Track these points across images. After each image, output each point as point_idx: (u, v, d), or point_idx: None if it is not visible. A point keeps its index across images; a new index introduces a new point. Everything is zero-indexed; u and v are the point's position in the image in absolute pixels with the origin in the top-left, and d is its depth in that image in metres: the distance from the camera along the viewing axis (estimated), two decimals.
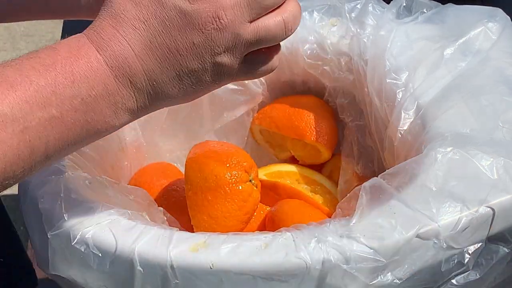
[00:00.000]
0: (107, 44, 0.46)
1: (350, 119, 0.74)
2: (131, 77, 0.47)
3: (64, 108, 0.44)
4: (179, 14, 0.47)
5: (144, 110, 0.49)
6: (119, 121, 0.48)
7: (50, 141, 0.44)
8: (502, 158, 0.53)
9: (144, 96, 0.48)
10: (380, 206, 0.51)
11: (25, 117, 0.43)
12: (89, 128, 0.46)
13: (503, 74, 0.62)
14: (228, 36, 0.48)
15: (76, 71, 0.45)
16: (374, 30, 0.69)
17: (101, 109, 0.46)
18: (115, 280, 0.51)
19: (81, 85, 0.45)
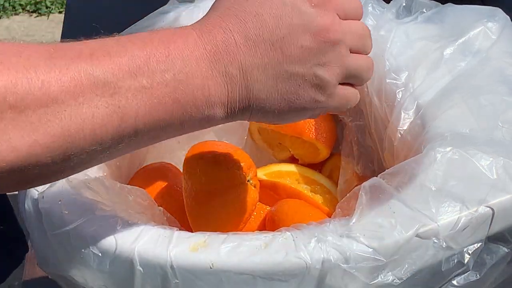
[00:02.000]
0: (209, 31, 0.46)
1: (350, 119, 0.74)
2: (227, 65, 0.46)
3: (154, 80, 0.43)
4: (296, 14, 0.47)
5: (235, 110, 0.47)
6: (210, 111, 0.46)
7: (140, 113, 0.43)
8: (502, 158, 0.53)
9: (236, 90, 0.46)
10: (379, 206, 0.51)
11: (116, 83, 0.42)
12: (179, 108, 0.45)
13: (502, 74, 0.62)
14: (335, 51, 0.48)
15: (172, 48, 0.44)
16: (373, 30, 0.69)
17: (192, 90, 0.45)
18: (115, 280, 0.51)
19: (174, 60, 0.44)
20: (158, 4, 0.75)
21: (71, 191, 0.56)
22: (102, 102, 0.42)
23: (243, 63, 0.46)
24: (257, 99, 0.47)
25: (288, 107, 0.48)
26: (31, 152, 0.41)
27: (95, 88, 0.42)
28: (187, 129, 0.47)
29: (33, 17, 2.64)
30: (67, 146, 0.42)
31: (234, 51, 0.46)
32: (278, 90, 0.47)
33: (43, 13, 2.63)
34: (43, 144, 0.41)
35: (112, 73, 0.42)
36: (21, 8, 2.65)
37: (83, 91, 0.41)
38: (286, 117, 0.49)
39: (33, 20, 2.63)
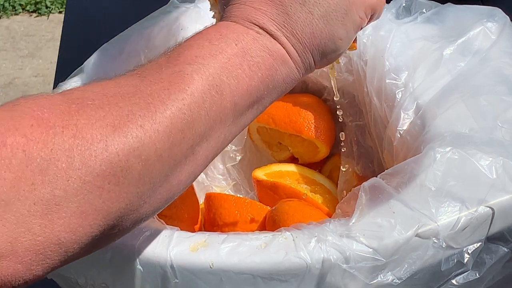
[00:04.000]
0: (234, 16, 0.50)
1: (350, 119, 0.74)
2: (270, 20, 0.49)
3: (227, 54, 0.47)
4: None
5: (303, 55, 0.50)
6: (281, 64, 0.49)
7: (233, 87, 0.46)
8: (501, 158, 0.53)
9: (290, 37, 0.50)
10: (379, 206, 0.51)
11: (203, 67, 0.45)
12: (258, 71, 0.48)
13: (502, 74, 0.62)
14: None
15: (220, 29, 0.48)
16: (373, 30, 0.69)
17: (256, 52, 0.48)
18: (115, 279, 0.51)
19: (228, 35, 0.48)
20: (158, 4, 0.75)
21: None
22: (204, 86, 0.45)
23: (284, 12, 0.50)
24: (301, 33, 0.50)
25: (330, 24, 0.51)
26: (171, 153, 0.43)
27: (192, 77, 0.45)
28: (274, 92, 0.50)
29: (33, 17, 2.64)
30: (192, 137, 0.45)
31: (257, 13, 0.49)
32: (314, 15, 0.50)
33: (43, 13, 2.63)
34: (177, 142, 0.43)
35: (195, 62, 0.46)
36: (21, 8, 2.65)
37: (186, 83, 0.44)
38: (334, 32, 0.52)
39: (33, 20, 2.62)
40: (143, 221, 0.44)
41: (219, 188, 0.79)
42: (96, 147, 0.39)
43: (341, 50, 0.53)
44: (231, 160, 0.80)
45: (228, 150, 0.80)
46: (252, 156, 0.81)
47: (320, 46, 0.51)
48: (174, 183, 0.44)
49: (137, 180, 0.41)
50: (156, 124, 0.42)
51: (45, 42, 2.51)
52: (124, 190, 0.41)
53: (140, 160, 0.41)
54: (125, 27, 0.72)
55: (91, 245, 0.41)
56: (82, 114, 0.40)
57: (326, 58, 0.52)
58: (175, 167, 0.44)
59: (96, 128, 0.40)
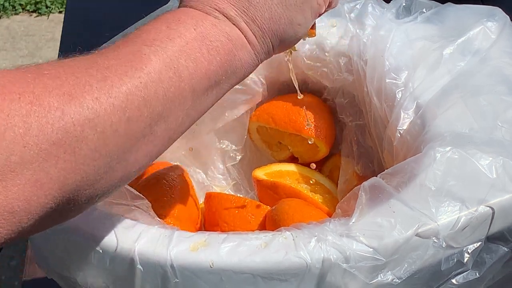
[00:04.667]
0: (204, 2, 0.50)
1: (350, 118, 0.74)
2: (228, 7, 0.50)
3: (185, 38, 0.47)
4: None
5: (261, 42, 0.51)
6: (240, 50, 0.50)
7: (191, 70, 0.47)
8: (501, 158, 0.53)
9: (250, 23, 0.50)
10: (379, 205, 0.51)
11: (161, 50, 0.46)
12: (217, 56, 0.48)
13: (502, 74, 0.62)
14: None
15: (179, 15, 0.49)
16: (373, 30, 0.69)
17: (215, 37, 0.48)
18: (115, 278, 0.51)
19: (186, 21, 0.48)
20: (158, 4, 0.75)
21: None
22: (162, 67, 0.45)
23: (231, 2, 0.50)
24: (272, 21, 0.51)
25: (290, 9, 0.52)
26: (128, 129, 0.43)
27: (150, 58, 0.45)
28: (232, 78, 0.50)
29: (33, 17, 2.64)
30: (150, 115, 0.44)
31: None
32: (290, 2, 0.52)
33: (43, 13, 2.63)
34: (134, 119, 0.43)
35: (153, 45, 0.46)
36: (21, 8, 2.65)
37: (144, 63, 0.45)
38: (294, 19, 0.53)
39: (33, 20, 2.62)
40: (98, 199, 0.44)
41: (219, 188, 0.79)
42: (53, 115, 0.39)
43: (299, 36, 0.54)
44: (231, 160, 0.80)
45: (228, 149, 0.80)
46: (252, 156, 0.81)
47: (279, 32, 0.52)
48: (130, 160, 0.44)
49: (93, 152, 0.41)
50: (111, 98, 0.42)
51: (45, 42, 2.51)
52: (80, 161, 0.40)
53: (95, 132, 0.41)
54: (125, 27, 0.72)
55: (45, 218, 0.40)
56: (38, 82, 0.40)
57: (284, 44, 0.53)
58: (132, 144, 0.44)
59: (53, 96, 0.40)
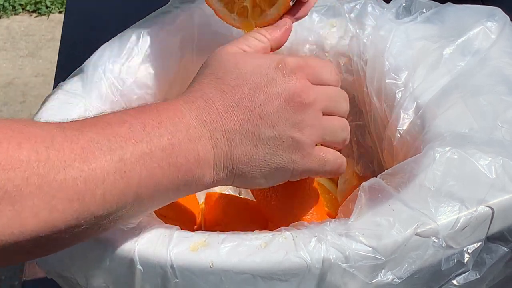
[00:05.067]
0: (192, 102, 0.50)
1: (350, 119, 0.74)
2: (211, 130, 0.50)
3: (152, 145, 0.47)
4: (270, 83, 0.51)
5: (220, 173, 0.51)
6: (200, 172, 0.50)
7: (142, 177, 0.47)
8: (501, 158, 0.53)
9: (221, 154, 0.51)
10: (379, 205, 0.51)
11: (120, 149, 0.46)
12: (175, 171, 0.48)
13: (502, 74, 0.62)
14: (309, 114, 0.52)
15: (163, 115, 0.49)
16: (373, 30, 0.69)
17: (185, 153, 0.49)
18: (115, 278, 0.51)
19: (167, 127, 0.48)
20: (158, 4, 0.75)
21: None
22: (111, 168, 0.45)
23: (225, 128, 0.50)
24: (239, 161, 0.51)
25: (269, 168, 0.53)
26: (50, 218, 0.43)
27: (103, 155, 0.45)
28: (181, 192, 0.51)
29: (33, 17, 2.64)
30: (80, 211, 0.44)
31: (217, 118, 0.50)
32: (258, 152, 0.52)
33: (43, 13, 2.63)
34: (60, 209, 0.43)
35: (116, 141, 0.46)
36: (21, 8, 2.65)
37: (94, 158, 0.44)
38: (267, 178, 0.54)
39: (33, 20, 2.62)
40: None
41: (219, 188, 0.79)
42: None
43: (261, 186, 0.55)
44: None
45: None
46: None
47: (244, 175, 0.52)
48: (48, 245, 0.45)
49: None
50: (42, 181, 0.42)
51: (45, 42, 2.51)
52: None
53: (12, 208, 0.42)
54: (125, 27, 0.72)
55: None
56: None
57: (244, 186, 0.55)
58: (52, 232, 0.44)
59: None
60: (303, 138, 0.53)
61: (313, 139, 0.54)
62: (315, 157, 0.54)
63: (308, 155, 0.54)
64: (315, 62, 0.55)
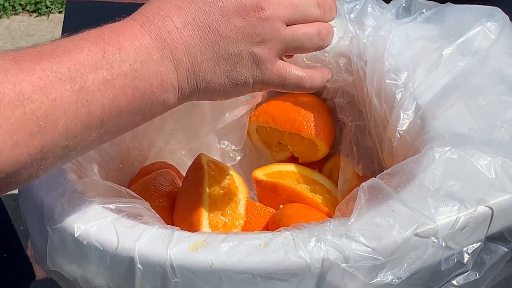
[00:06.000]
0: (150, 21, 0.49)
1: (350, 119, 0.74)
2: (172, 50, 0.48)
3: (114, 71, 0.46)
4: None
5: (185, 91, 0.50)
6: (164, 95, 0.49)
7: (105, 104, 0.46)
8: (500, 158, 0.53)
9: (184, 73, 0.49)
10: (378, 205, 0.51)
11: (81, 77, 0.45)
12: (138, 96, 0.47)
13: (501, 74, 0.62)
14: (267, 28, 0.51)
15: (122, 41, 0.47)
16: (373, 31, 0.69)
17: (147, 77, 0.48)
18: (115, 277, 0.51)
19: (128, 52, 0.47)
20: None
21: (76, 192, 0.56)
22: (72, 97, 0.44)
23: (186, 47, 0.49)
24: (203, 79, 0.50)
25: (231, 83, 0.52)
26: (14, 153, 0.42)
27: (63, 84, 0.44)
28: (147, 116, 0.50)
29: (33, 17, 2.64)
30: (44, 143, 0.44)
31: (177, 36, 0.49)
32: (220, 69, 0.51)
33: (43, 13, 2.63)
34: (23, 144, 0.42)
35: (76, 69, 0.45)
36: (21, 8, 2.65)
37: (53, 88, 0.43)
38: (230, 92, 0.53)
39: (33, 20, 2.63)
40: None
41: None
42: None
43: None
44: (231, 160, 0.80)
45: (228, 150, 0.80)
46: (252, 156, 0.81)
47: (210, 85, 0.51)
48: (15, 179, 0.44)
49: None
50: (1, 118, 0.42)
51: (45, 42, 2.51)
52: None
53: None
54: None
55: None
56: None
57: (208, 96, 0.53)
58: (18, 167, 0.44)
59: None
60: (263, 53, 0.51)
61: (274, 53, 0.52)
62: (276, 72, 0.53)
63: (268, 70, 0.53)
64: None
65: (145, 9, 0.51)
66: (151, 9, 0.50)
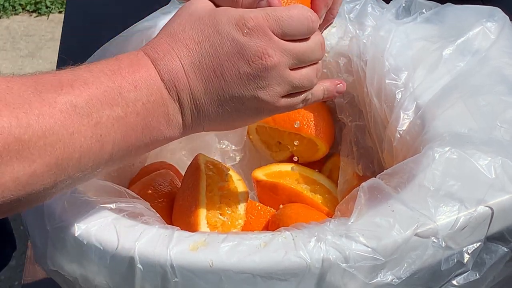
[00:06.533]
0: (161, 59, 0.50)
1: (350, 119, 0.74)
2: (179, 92, 0.50)
3: (128, 109, 0.48)
4: (230, 42, 0.50)
5: (190, 128, 0.52)
6: (170, 133, 0.51)
7: (116, 140, 0.48)
8: (500, 158, 0.53)
9: (189, 113, 0.51)
10: (378, 205, 0.51)
11: (97, 113, 0.46)
12: (147, 133, 0.50)
13: (501, 74, 0.62)
14: (273, 74, 0.51)
15: (138, 78, 0.49)
16: (373, 31, 0.69)
17: (157, 116, 0.50)
18: (115, 276, 0.51)
19: (142, 91, 0.49)
20: (158, 4, 0.75)
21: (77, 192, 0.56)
22: (88, 132, 0.46)
23: (191, 89, 0.51)
24: (207, 118, 0.52)
25: (235, 122, 0.54)
26: (29, 181, 0.44)
27: (81, 119, 0.45)
28: (151, 148, 0.52)
29: (33, 17, 2.64)
30: (58, 174, 0.45)
31: (184, 78, 0.50)
32: (224, 110, 0.52)
33: (43, 13, 2.63)
34: (40, 174, 0.44)
35: (93, 104, 0.46)
36: (21, 8, 2.65)
37: (72, 123, 0.45)
38: (235, 127, 0.56)
39: (33, 20, 2.62)
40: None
41: None
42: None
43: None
44: (231, 160, 0.80)
45: (228, 150, 0.80)
46: (252, 156, 0.81)
47: (215, 124, 0.53)
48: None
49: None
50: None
51: (45, 42, 2.51)
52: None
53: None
54: (125, 27, 0.73)
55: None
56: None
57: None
58: (36, 197, 0.46)
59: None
60: (267, 97, 0.52)
61: (278, 95, 0.53)
62: (281, 107, 0.54)
63: (274, 108, 0.54)
64: (283, 12, 0.52)
65: (157, 44, 0.51)
66: (162, 45, 0.51)
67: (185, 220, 0.63)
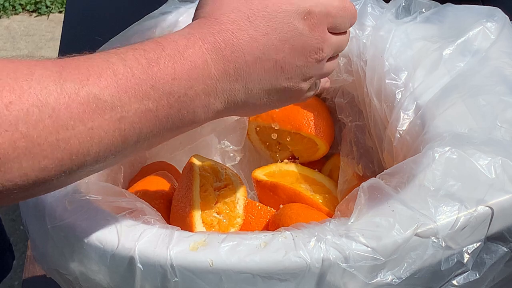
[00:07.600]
0: (219, 49, 0.47)
1: (350, 119, 0.74)
2: (232, 82, 0.48)
3: (160, 103, 0.44)
4: (297, 37, 0.50)
5: (226, 113, 0.50)
6: (202, 121, 0.48)
7: (142, 132, 0.44)
8: (500, 158, 0.53)
9: (234, 101, 0.49)
10: (378, 205, 0.51)
11: (123, 107, 0.43)
12: (178, 124, 0.46)
13: (501, 74, 0.62)
14: (318, 68, 0.53)
15: (179, 69, 0.45)
16: (373, 31, 0.69)
17: (194, 109, 0.46)
18: (115, 276, 0.51)
19: (181, 83, 0.45)
20: (158, 4, 0.75)
21: (77, 192, 0.56)
22: (109, 126, 0.43)
23: (248, 80, 0.49)
24: (249, 104, 0.51)
25: (265, 108, 0.53)
26: (40, 176, 0.41)
27: (103, 113, 0.42)
28: (179, 133, 0.48)
29: (33, 17, 2.64)
30: (73, 167, 0.43)
31: (244, 69, 0.48)
32: (269, 99, 0.52)
33: (43, 13, 2.63)
34: (52, 169, 0.42)
35: (119, 98, 0.43)
36: (21, 7, 2.65)
37: (92, 117, 0.42)
38: (265, 111, 0.54)
39: (33, 20, 2.63)
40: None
41: None
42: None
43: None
44: (231, 160, 0.80)
45: (228, 150, 0.80)
46: (252, 156, 0.81)
47: (244, 109, 0.51)
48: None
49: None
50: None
51: (45, 42, 2.51)
52: None
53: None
54: (125, 27, 0.73)
55: None
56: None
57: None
58: (63, 181, 0.44)
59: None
60: (305, 88, 0.53)
61: (311, 83, 0.54)
62: (309, 95, 0.56)
63: (306, 97, 0.55)
64: (337, 10, 0.52)
65: (216, 29, 0.48)
66: (224, 34, 0.47)
67: (181, 220, 0.63)
